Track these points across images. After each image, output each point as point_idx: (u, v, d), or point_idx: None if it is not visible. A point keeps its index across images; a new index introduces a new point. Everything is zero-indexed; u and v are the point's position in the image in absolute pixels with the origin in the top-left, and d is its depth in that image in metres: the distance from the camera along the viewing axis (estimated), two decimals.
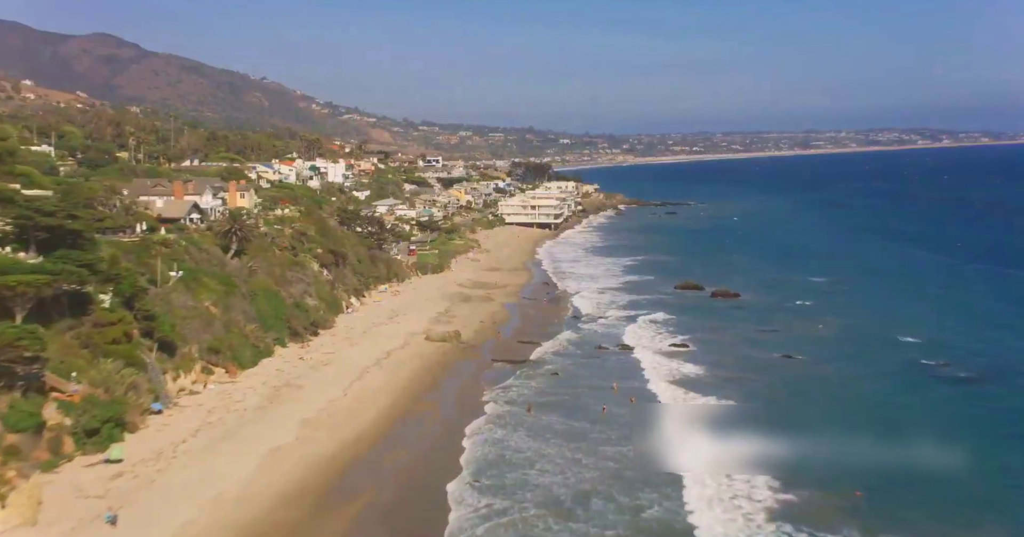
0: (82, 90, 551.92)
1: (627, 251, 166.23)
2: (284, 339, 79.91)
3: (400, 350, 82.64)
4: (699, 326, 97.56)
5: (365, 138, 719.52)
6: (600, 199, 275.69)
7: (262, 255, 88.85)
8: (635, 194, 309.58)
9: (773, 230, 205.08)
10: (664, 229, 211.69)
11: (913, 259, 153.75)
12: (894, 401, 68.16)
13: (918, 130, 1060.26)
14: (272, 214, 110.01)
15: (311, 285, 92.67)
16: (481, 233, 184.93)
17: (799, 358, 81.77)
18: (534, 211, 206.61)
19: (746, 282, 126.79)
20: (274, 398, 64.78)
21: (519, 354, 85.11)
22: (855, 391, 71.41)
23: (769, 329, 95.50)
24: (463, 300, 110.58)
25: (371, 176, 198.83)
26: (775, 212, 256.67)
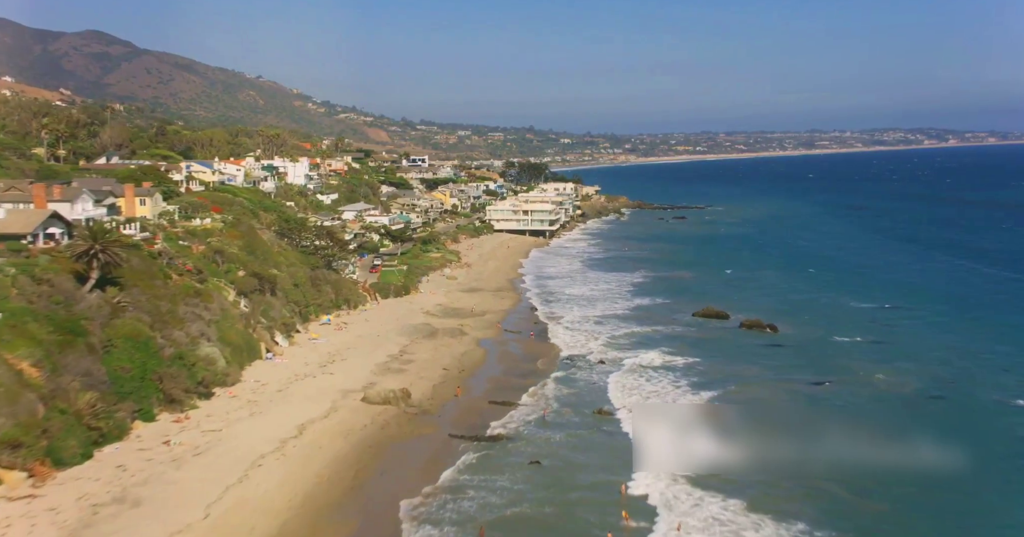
0: (72, 88, 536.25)
1: (633, 265, 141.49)
2: (151, 410, 55.69)
3: (321, 422, 58.43)
4: (731, 375, 73.35)
5: (354, 137, 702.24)
6: (601, 202, 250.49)
7: (143, 285, 64.67)
8: (639, 196, 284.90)
9: (795, 238, 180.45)
10: (674, 237, 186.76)
11: (966, 274, 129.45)
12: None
13: (923, 130, 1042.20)
14: (184, 226, 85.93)
15: (214, 323, 68.44)
16: (465, 242, 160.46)
17: (879, 432, 57.50)
18: (526, 216, 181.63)
19: (777, 307, 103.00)
20: (78, 532, 40.51)
21: (490, 419, 61.55)
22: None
23: (822, 380, 71.38)
24: (427, 335, 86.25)
25: (342, 177, 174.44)
26: (793, 217, 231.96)
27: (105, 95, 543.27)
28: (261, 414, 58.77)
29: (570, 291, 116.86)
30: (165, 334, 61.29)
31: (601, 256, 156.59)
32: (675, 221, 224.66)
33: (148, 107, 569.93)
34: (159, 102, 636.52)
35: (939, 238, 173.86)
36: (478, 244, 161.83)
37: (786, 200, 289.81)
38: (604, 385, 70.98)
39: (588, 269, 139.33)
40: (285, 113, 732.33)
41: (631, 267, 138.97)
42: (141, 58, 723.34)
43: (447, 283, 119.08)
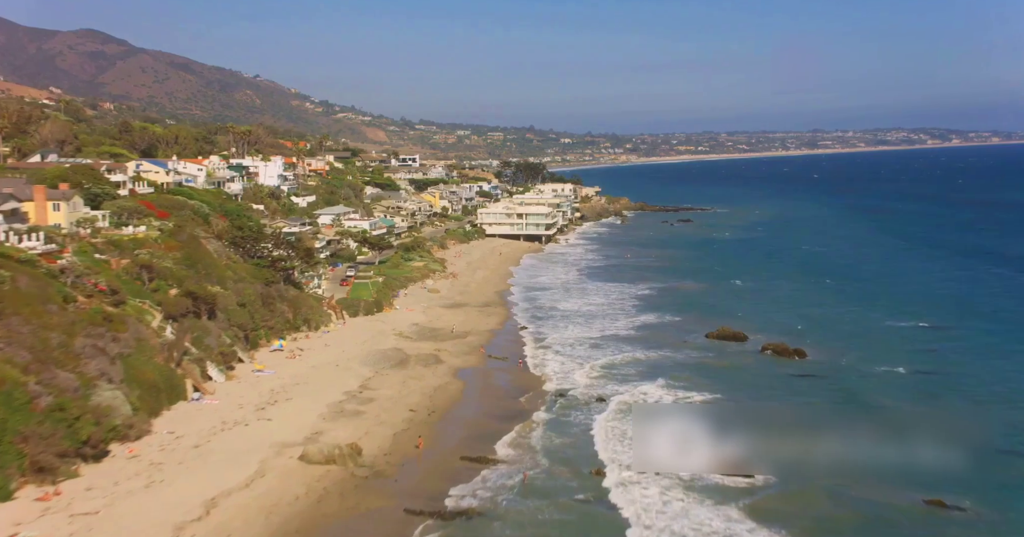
0: (65, 87, 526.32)
1: (636, 274, 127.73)
2: (7, 484, 42.27)
3: (238, 494, 45.08)
4: (760, 420, 59.74)
5: (352, 137, 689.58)
6: (602, 204, 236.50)
7: (27, 312, 51.41)
8: (641, 197, 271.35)
9: (808, 243, 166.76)
10: (680, 242, 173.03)
11: (1007, 286, 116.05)
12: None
13: (926, 130, 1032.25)
14: (109, 235, 72.66)
15: (122, 358, 55.13)
16: (453, 249, 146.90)
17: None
18: (520, 220, 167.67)
19: (798, 325, 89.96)
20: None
21: (461, 481, 48.57)
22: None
23: (878, 430, 57.91)
24: (396, 364, 72.89)
25: (323, 178, 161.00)
26: (804, 219, 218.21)
27: (99, 94, 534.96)
28: (161, 484, 45.38)
29: (565, 306, 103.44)
30: (45, 378, 47.90)
31: (601, 264, 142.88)
32: (680, 224, 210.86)
33: (141, 106, 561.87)
34: (154, 101, 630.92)
35: (966, 243, 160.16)
36: (467, 250, 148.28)
37: (795, 201, 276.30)
38: (601, 430, 57.77)
39: (586, 279, 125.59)
40: (282, 113, 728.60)
41: (634, 277, 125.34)
42: (137, 57, 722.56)
43: (428, 297, 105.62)
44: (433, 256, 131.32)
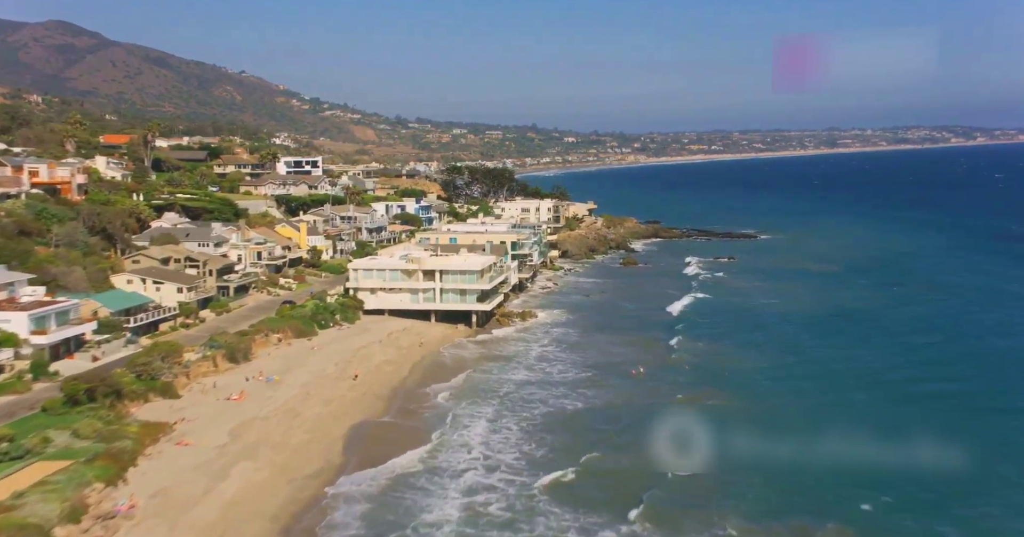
0: (28, 82, 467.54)
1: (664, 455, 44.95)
2: None
3: None
4: None
5: (337, 136, 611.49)
6: (597, 228, 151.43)
7: None
8: (655, 214, 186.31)
9: (978, 318, 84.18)
10: (733, 318, 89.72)
11: None
12: None
13: (949, 127, 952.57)
14: None
15: None
16: (262, 359, 63.98)
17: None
18: (431, 283, 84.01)
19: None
20: None
21: None
22: None
23: None
24: None
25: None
26: (919, 256, 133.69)
27: (64, 90, 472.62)
28: None
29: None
30: None
31: (580, 407, 59.80)
32: (724, 268, 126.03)
33: (111, 102, 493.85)
34: (123, 97, 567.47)
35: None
36: (296, 361, 65.11)
37: (870, 221, 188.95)
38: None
39: (544, 504, 42.73)
40: (265, 110, 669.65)
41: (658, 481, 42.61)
42: (108, 50, 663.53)
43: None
44: (179, 390, 48.44)
